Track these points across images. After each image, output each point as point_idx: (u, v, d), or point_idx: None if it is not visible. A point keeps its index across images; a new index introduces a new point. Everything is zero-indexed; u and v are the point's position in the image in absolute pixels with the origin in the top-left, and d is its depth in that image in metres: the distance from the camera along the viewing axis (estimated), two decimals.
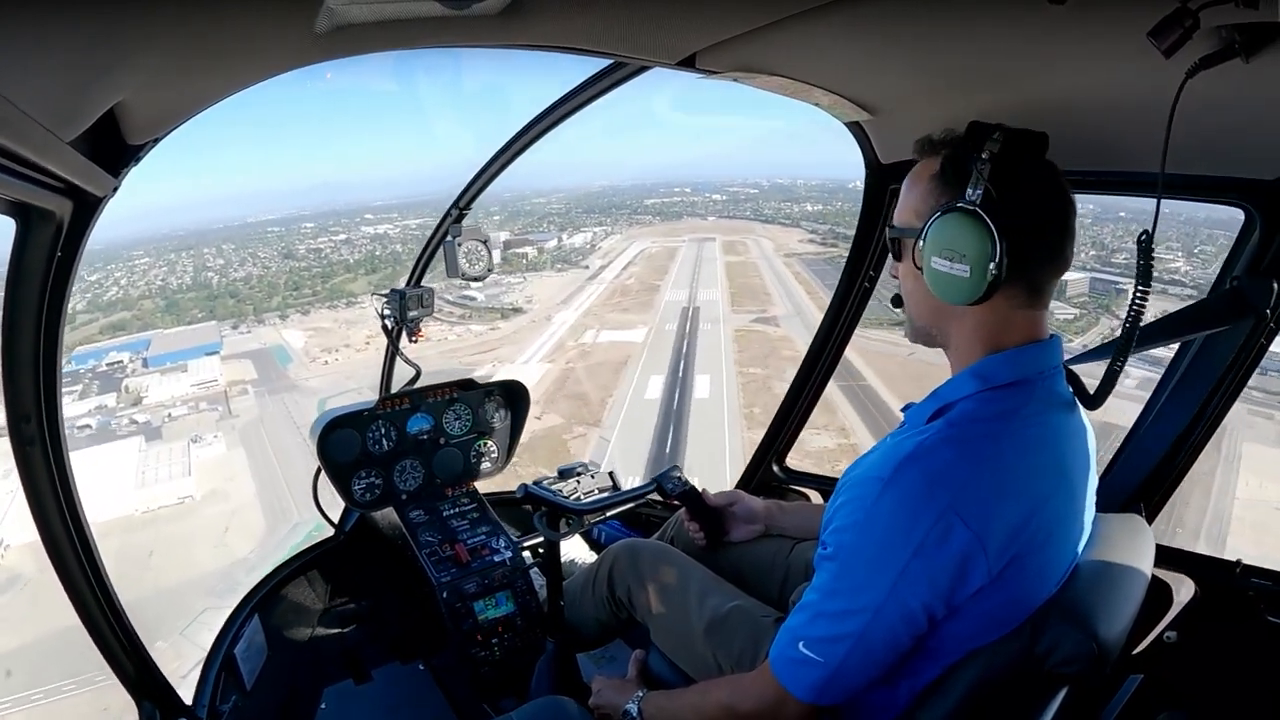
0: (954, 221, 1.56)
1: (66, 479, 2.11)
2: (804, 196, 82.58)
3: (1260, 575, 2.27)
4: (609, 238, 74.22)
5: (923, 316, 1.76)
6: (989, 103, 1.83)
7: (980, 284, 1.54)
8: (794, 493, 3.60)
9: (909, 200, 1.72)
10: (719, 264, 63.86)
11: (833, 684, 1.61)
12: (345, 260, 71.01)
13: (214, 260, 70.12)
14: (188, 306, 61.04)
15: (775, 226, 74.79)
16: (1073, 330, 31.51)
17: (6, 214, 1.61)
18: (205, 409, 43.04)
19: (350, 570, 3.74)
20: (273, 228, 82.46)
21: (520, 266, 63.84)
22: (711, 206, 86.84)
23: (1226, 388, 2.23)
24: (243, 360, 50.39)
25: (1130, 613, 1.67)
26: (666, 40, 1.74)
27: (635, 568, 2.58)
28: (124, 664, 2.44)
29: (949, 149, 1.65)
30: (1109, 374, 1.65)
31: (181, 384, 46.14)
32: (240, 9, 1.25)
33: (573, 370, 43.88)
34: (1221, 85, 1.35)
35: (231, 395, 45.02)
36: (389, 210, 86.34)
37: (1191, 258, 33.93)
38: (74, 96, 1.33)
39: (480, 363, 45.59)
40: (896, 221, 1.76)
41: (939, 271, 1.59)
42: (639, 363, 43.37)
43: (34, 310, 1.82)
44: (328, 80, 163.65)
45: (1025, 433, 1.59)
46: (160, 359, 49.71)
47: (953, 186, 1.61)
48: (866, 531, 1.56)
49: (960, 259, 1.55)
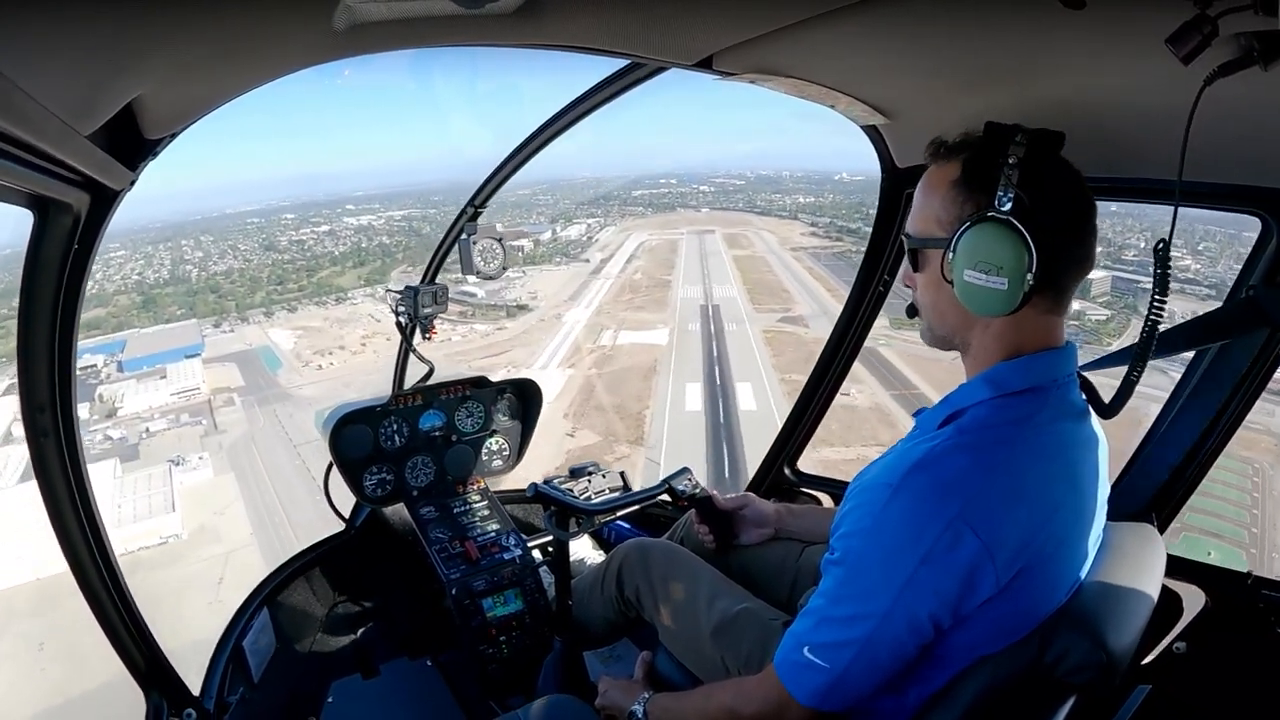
0: (988, 232, 1.52)
1: (80, 470, 2.13)
2: (792, 188, 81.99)
3: (1271, 587, 2.25)
4: (604, 230, 73.11)
5: (945, 326, 1.72)
6: (1006, 108, 1.81)
7: (1016, 295, 1.52)
8: (805, 495, 3.60)
9: (928, 208, 1.67)
10: (726, 258, 62.25)
11: (836, 690, 1.60)
12: (330, 252, 68.84)
13: (192, 253, 67.64)
14: (166, 303, 58.14)
15: (772, 219, 74.17)
16: (1108, 334, 31.32)
17: (25, 206, 1.63)
18: (187, 422, 39.17)
19: (360, 566, 3.76)
20: (252, 219, 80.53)
21: (517, 260, 60.86)
22: (701, 198, 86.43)
23: (1241, 397, 2.21)
24: (227, 364, 46.66)
25: (1140, 623, 1.66)
26: (684, 41, 1.74)
27: (644, 567, 2.58)
28: (133, 655, 2.45)
29: (969, 153, 1.61)
30: (1126, 383, 1.63)
31: (160, 393, 41.98)
32: (259, 6, 1.25)
33: (597, 377, 41.33)
34: (1239, 93, 1.34)
35: (216, 406, 41.06)
36: (370, 201, 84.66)
37: (1198, 254, 33.81)
38: (92, 91, 1.35)
39: (491, 367, 41.93)
40: (914, 231, 1.71)
41: (973, 285, 1.55)
42: (669, 368, 40.81)
43: (50, 302, 1.83)
44: (345, 77, 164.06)
45: (1037, 441, 1.57)
46: (136, 363, 46.25)
47: (977, 193, 1.56)
48: (874, 538, 1.55)
49: (997, 271, 1.51)
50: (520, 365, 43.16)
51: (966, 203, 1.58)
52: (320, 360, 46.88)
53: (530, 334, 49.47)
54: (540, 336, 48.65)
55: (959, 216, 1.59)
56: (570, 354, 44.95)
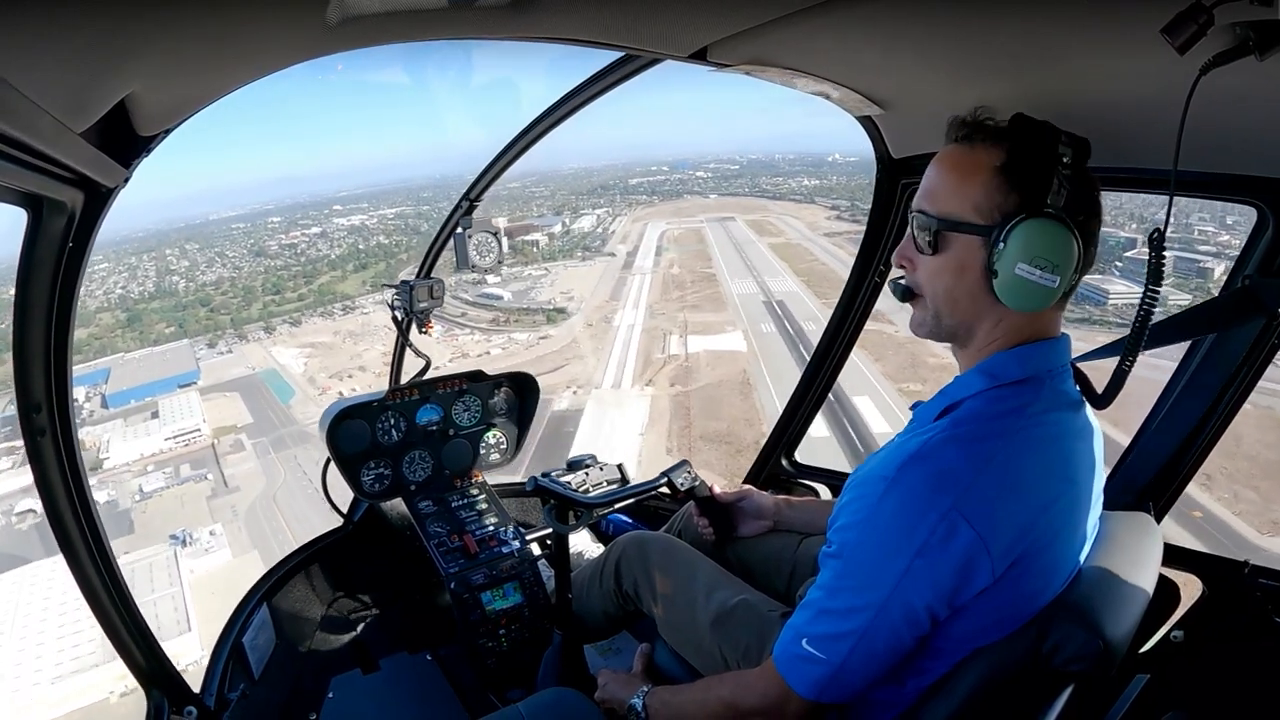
0: (1048, 229, 1.52)
1: (77, 469, 2.13)
2: (789, 170, 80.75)
3: (1268, 575, 2.27)
4: (616, 220, 70.43)
5: (956, 315, 1.68)
6: (1002, 98, 1.81)
7: (1060, 292, 1.54)
8: (802, 486, 3.60)
9: (964, 190, 1.61)
10: (761, 247, 58.17)
11: (835, 681, 1.61)
12: (326, 256, 64.77)
13: (178, 262, 63.65)
14: (153, 320, 53.40)
15: (788, 204, 72.12)
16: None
17: (18, 205, 1.62)
18: (189, 477, 33.16)
19: (358, 561, 3.76)
20: (237, 223, 77.54)
21: (535, 256, 58.16)
22: (701, 184, 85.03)
23: (1237, 387, 2.22)
24: (228, 394, 40.75)
25: (1137, 612, 1.67)
26: (678, 33, 1.73)
27: (642, 560, 2.58)
28: (134, 653, 2.45)
29: (1012, 142, 1.58)
30: (1118, 373, 1.64)
31: (153, 437, 35.74)
32: (251, 1, 1.25)
33: (686, 397, 35.52)
34: (1235, 82, 1.34)
35: (222, 452, 34.61)
36: (357, 200, 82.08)
37: (1230, 229, 33.62)
38: (85, 88, 1.34)
39: (552, 389, 35.44)
40: (939, 211, 1.64)
41: (1025, 279, 1.53)
42: (763, 381, 35.59)
43: (45, 301, 1.83)
44: (338, 72, 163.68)
45: (1032, 432, 1.57)
46: (123, 396, 40.30)
47: (1026, 185, 1.55)
48: (870, 531, 1.56)
49: (1052, 269, 1.51)
50: (584, 384, 37.32)
51: (1012, 193, 1.56)
52: (338, 385, 41.04)
53: (580, 342, 43.94)
54: (593, 344, 43.18)
55: (1001, 206, 1.57)
56: (641, 367, 39.13)
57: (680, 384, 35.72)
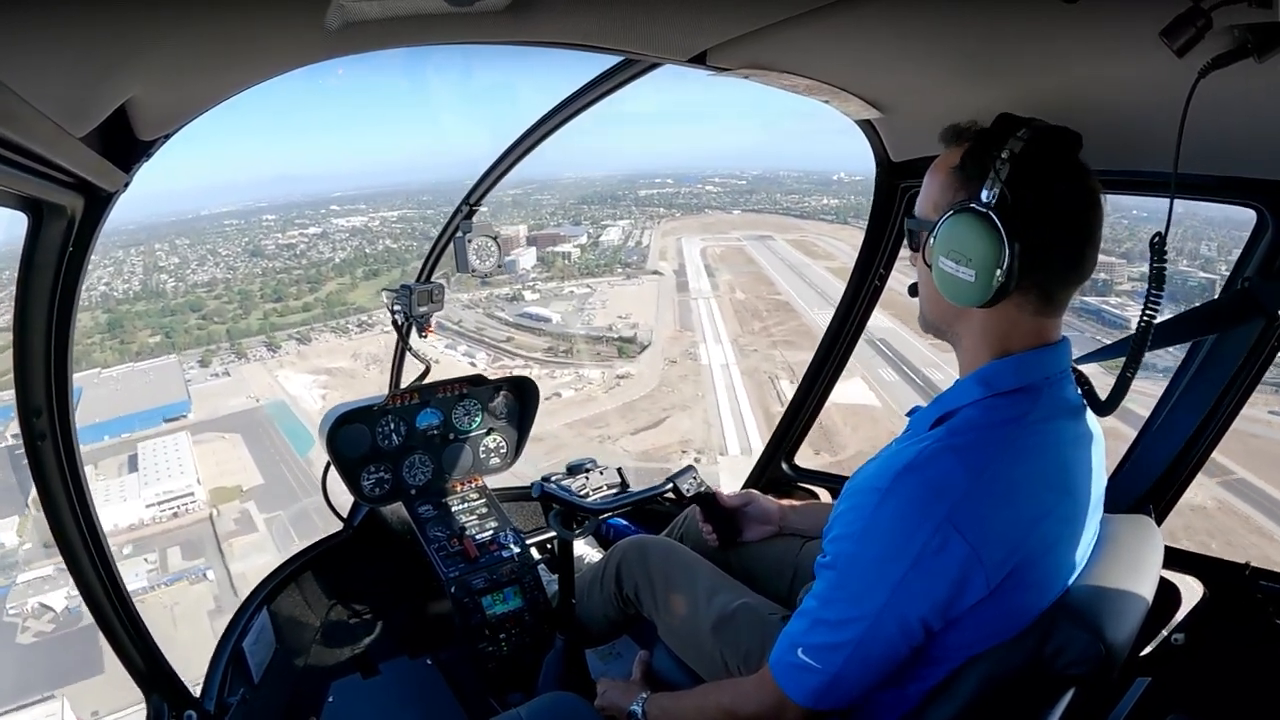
0: (964, 222, 1.52)
1: (78, 474, 2.13)
2: (794, 188, 78.85)
3: (1269, 578, 2.26)
4: (645, 233, 64.25)
5: (932, 312, 1.74)
6: (1000, 101, 1.81)
7: (985, 289, 1.51)
8: (802, 490, 3.60)
9: (929, 191, 1.68)
10: (821, 270, 50.24)
11: (831, 690, 1.61)
12: (330, 259, 58.43)
13: (167, 259, 57.57)
14: (136, 325, 46.20)
15: (820, 223, 66.26)
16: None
17: (19, 209, 1.63)
18: (184, 574, 23.86)
19: (358, 565, 3.76)
20: (231, 220, 72.16)
21: (567, 271, 51.75)
22: (716, 198, 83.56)
23: (1237, 389, 2.22)
24: (227, 436, 32.51)
25: (1138, 615, 1.67)
26: (677, 37, 1.73)
27: (643, 565, 2.58)
28: (133, 657, 2.45)
29: (972, 141, 1.60)
30: (1121, 380, 1.61)
31: (130, 502, 26.57)
32: (252, 6, 1.25)
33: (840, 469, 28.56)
34: (1234, 85, 1.34)
35: (226, 533, 25.81)
36: (354, 201, 76.80)
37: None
38: (85, 93, 1.34)
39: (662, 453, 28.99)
40: (917, 212, 1.71)
41: (945, 272, 1.57)
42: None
43: (46, 305, 1.83)
44: (339, 75, 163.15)
45: (1029, 441, 1.56)
46: (95, 431, 31.42)
47: (971, 183, 1.55)
48: (864, 541, 1.55)
49: (966, 262, 1.52)
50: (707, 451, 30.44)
51: (959, 190, 1.58)
52: None
53: (669, 387, 36.05)
54: (690, 388, 36.01)
55: (950, 203, 1.59)
56: (766, 427, 31.29)
57: (827, 452, 27.88)
